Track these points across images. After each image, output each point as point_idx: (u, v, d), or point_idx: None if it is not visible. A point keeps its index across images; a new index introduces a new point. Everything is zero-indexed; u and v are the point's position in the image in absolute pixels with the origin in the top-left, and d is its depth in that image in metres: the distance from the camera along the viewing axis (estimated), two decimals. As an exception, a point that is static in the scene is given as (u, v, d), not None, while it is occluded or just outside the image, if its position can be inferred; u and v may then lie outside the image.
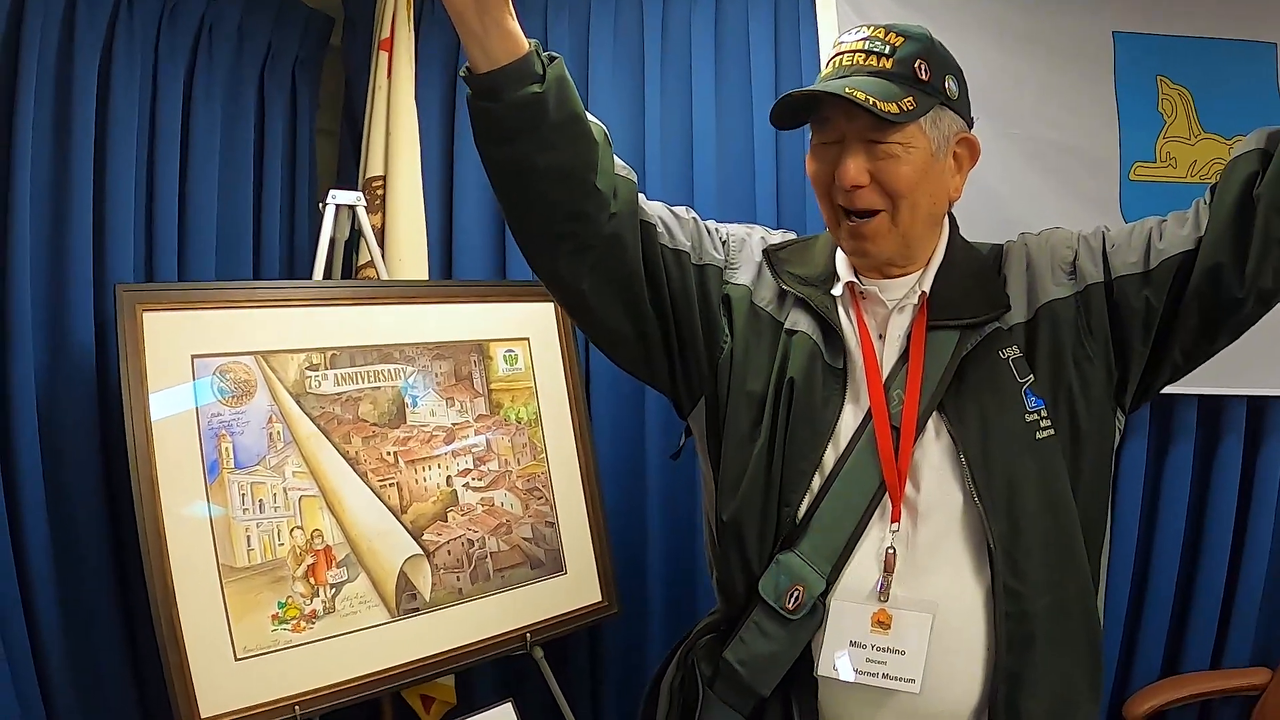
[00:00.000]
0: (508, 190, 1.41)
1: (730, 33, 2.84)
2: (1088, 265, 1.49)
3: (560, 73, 1.33)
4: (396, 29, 2.69)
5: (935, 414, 1.46)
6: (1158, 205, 2.72)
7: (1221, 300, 1.42)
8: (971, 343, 1.47)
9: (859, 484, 1.46)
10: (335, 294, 2.37)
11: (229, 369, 2.14)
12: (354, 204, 2.55)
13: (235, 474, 2.10)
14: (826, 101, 1.42)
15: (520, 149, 1.33)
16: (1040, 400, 1.45)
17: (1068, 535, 1.45)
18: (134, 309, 2.05)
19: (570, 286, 1.45)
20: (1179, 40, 2.81)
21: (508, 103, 1.29)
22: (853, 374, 1.51)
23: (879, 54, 1.42)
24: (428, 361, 2.41)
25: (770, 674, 1.47)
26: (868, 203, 1.43)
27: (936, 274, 1.52)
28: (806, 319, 1.53)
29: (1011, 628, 1.39)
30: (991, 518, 1.40)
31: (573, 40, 2.86)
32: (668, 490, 2.85)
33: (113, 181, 2.32)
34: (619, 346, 1.54)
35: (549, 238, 1.42)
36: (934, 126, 1.44)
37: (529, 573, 2.46)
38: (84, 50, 2.25)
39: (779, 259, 1.60)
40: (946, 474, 1.45)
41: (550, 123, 1.31)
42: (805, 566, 1.45)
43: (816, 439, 1.48)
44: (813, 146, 1.50)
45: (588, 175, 1.37)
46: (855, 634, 1.42)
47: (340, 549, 2.19)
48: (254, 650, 2.04)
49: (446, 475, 2.38)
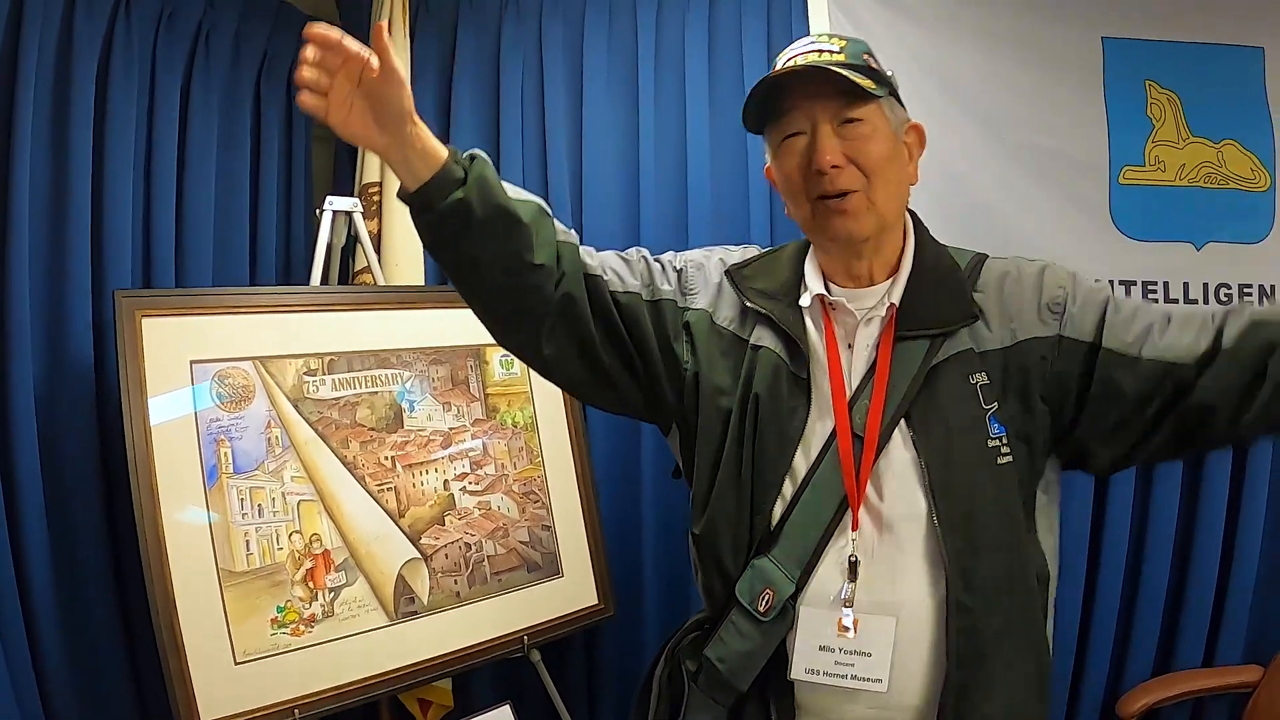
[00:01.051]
0: (462, 284, 1.50)
1: (723, 37, 2.86)
2: (1080, 318, 1.50)
3: (480, 172, 1.40)
4: (392, 34, 2.68)
5: (902, 424, 1.49)
6: (1147, 209, 2.79)
7: (1199, 434, 1.47)
8: (942, 354, 1.49)
9: (826, 492, 1.50)
10: (332, 300, 2.38)
11: (227, 374, 2.15)
12: (351, 210, 2.56)
13: (234, 479, 2.11)
14: (789, 94, 1.47)
15: (460, 249, 1.43)
16: (1003, 428, 1.48)
17: (1020, 562, 1.49)
18: (133, 315, 2.06)
19: (536, 353, 1.54)
20: (1167, 45, 2.84)
21: (439, 212, 1.38)
22: (819, 384, 1.54)
23: (829, 50, 1.48)
24: (424, 366, 2.42)
25: (747, 671, 1.52)
26: (845, 183, 1.46)
27: (906, 284, 1.54)
28: (770, 333, 1.57)
29: (963, 642, 1.43)
30: (947, 532, 1.44)
31: (566, 45, 2.88)
32: (662, 493, 2.86)
33: (110, 187, 2.33)
34: (591, 393, 1.64)
35: (507, 316, 1.52)
36: (891, 111, 1.50)
37: (526, 576, 2.47)
38: (82, 57, 2.26)
39: (742, 276, 1.62)
40: (910, 484, 1.47)
41: (479, 220, 1.38)
42: (776, 571, 1.50)
43: (783, 449, 1.52)
44: (777, 148, 1.52)
45: (525, 256, 1.44)
46: (824, 638, 1.47)
47: (339, 553, 2.20)
48: (253, 654, 2.05)
49: (444, 479, 2.39)
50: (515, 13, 2.87)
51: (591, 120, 2.86)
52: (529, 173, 2.87)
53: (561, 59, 2.87)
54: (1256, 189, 2.84)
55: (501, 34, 2.87)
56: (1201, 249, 2.83)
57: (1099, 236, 2.76)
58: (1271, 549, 2.85)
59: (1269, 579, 2.85)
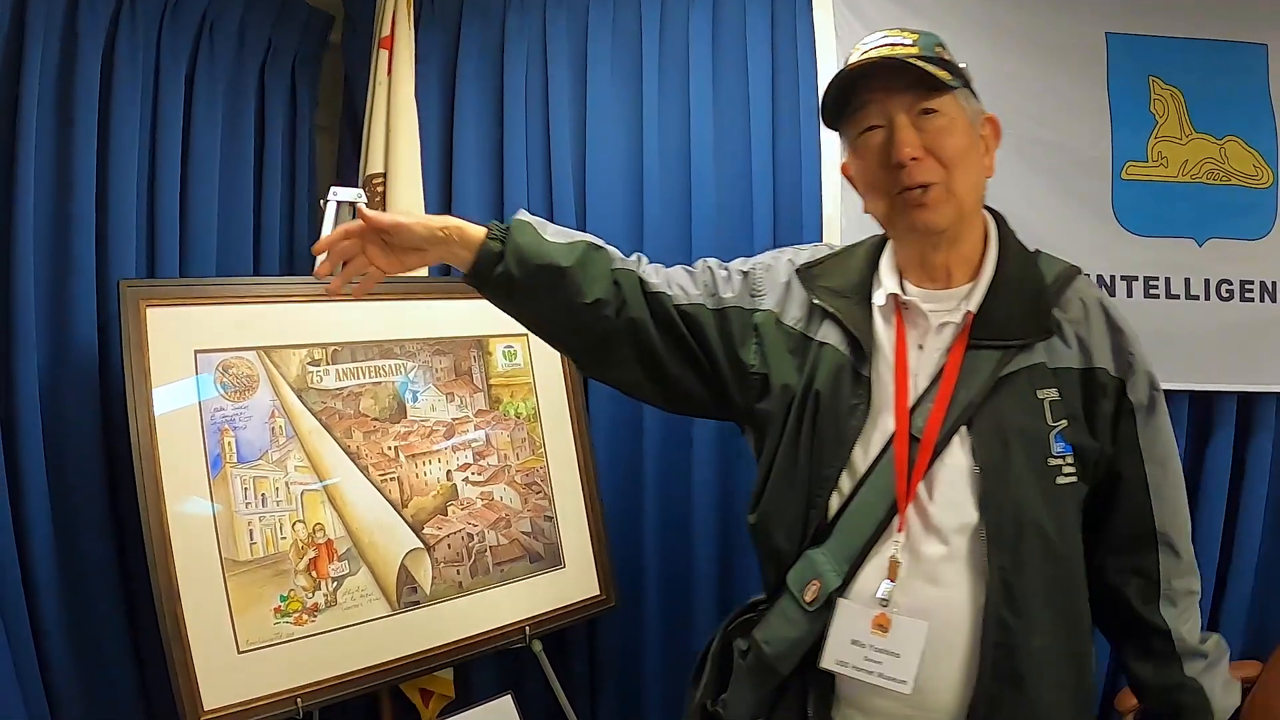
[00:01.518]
0: (535, 332, 1.70)
1: (727, 28, 2.86)
2: (1137, 390, 1.52)
3: (515, 241, 1.54)
4: (397, 26, 2.71)
5: (963, 431, 1.48)
6: (1149, 204, 2.80)
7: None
8: (1013, 365, 1.48)
9: (880, 492, 1.50)
10: (337, 290, 2.37)
11: (231, 364, 2.16)
12: (355, 200, 2.56)
13: (238, 468, 2.11)
14: (865, 88, 1.46)
15: (518, 308, 1.61)
16: (1069, 447, 1.47)
17: (1072, 583, 1.49)
18: (137, 304, 2.06)
19: (617, 379, 1.67)
20: (1171, 41, 2.84)
21: (490, 287, 1.56)
22: (882, 383, 1.54)
23: (903, 44, 1.47)
24: (428, 357, 2.43)
25: (789, 656, 1.53)
26: (925, 175, 1.45)
27: (986, 293, 1.53)
28: (836, 331, 1.58)
29: (999, 658, 1.42)
30: (994, 545, 1.43)
31: (570, 36, 2.88)
32: (665, 484, 2.88)
33: (115, 177, 2.33)
34: (667, 404, 1.72)
35: (583, 352, 1.67)
36: (966, 102, 1.49)
37: (528, 566, 2.48)
38: (86, 47, 2.27)
39: (812, 274, 1.64)
40: (962, 492, 1.46)
41: (523, 283, 1.54)
42: (826, 564, 1.51)
43: (840, 446, 1.53)
44: (854, 142, 1.52)
45: (576, 299, 1.56)
46: (856, 633, 1.48)
47: (342, 543, 2.21)
48: (256, 643, 2.06)
49: (446, 470, 2.40)
50: (519, 4, 2.87)
51: (595, 111, 2.86)
52: (532, 164, 2.88)
53: (565, 50, 2.87)
54: (1259, 185, 2.84)
55: (505, 25, 2.87)
56: (1203, 245, 2.83)
57: (1101, 231, 2.77)
58: (1270, 546, 2.86)
59: (1267, 575, 2.86)
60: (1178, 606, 1.53)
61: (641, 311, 1.60)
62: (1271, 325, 2.81)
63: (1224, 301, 2.81)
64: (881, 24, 2.75)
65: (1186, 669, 1.53)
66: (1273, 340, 2.81)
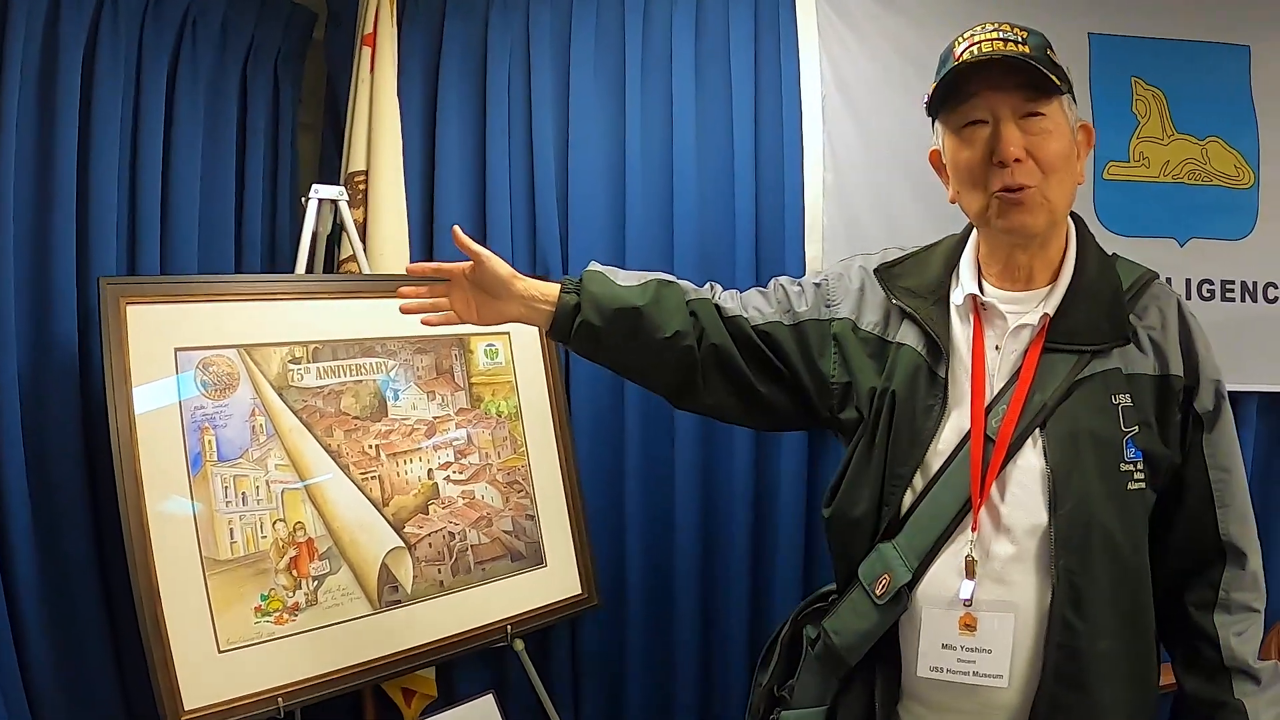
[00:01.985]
0: (627, 376, 1.82)
1: (710, 31, 2.86)
2: (1203, 398, 1.52)
3: (589, 290, 1.65)
4: (379, 24, 2.70)
5: (1037, 433, 1.48)
6: (1131, 204, 2.81)
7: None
8: (1089, 370, 1.49)
9: (953, 490, 1.52)
10: (317, 288, 2.37)
11: (212, 362, 2.15)
12: (336, 198, 2.56)
13: (218, 467, 2.10)
14: (973, 79, 1.46)
15: (606, 355, 1.71)
16: (1140, 453, 1.47)
17: (1138, 589, 1.49)
18: (118, 302, 2.05)
19: (706, 406, 1.73)
20: (1154, 42, 2.85)
21: (573, 340, 1.67)
22: (958, 383, 1.55)
23: (1015, 41, 1.46)
24: (409, 355, 2.42)
25: (858, 647, 1.56)
26: (1024, 177, 1.45)
27: (1064, 295, 1.53)
28: (914, 331, 1.60)
29: (1061, 660, 1.43)
30: (1060, 547, 1.44)
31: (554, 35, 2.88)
32: (647, 483, 2.88)
33: (96, 174, 2.32)
34: (758, 423, 1.82)
35: (673, 386, 1.71)
36: (1069, 108, 1.49)
37: (509, 565, 2.48)
38: (68, 43, 2.26)
39: (891, 275, 1.67)
40: (1033, 494, 1.47)
41: (603, 329, 1.64)
42: (897, 559, 1.53)
43: (915, 445, 1.55)
44: (954, 133, 1.52)
45: (655, 335, 1.64)
46: (946, 636, 1.50)
47: (322, 541, 2.20)
48: (237, 642, 2.05)
49: (428, 468, 2.39)
50: (502, 3, 2.86)
51: (578, 110, 2.86)
52: (514, 163, 2.87)
53: (548, 48, 2.86)
54: (1240, 186, 2.85)
55: (489, 23, 2.86)
56: (1185, 245, 2.85)
57: (1083, 232, 2.77)
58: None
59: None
60: (1232, 615, 1.51)
61: (722, 337, 1.67)
62: (1252, 325, 2.82)
63: (1205, 301, 2.83)
64: (864, 23, 2.78)
65: (1235, 688, 1.49)
66: (1254, 339, 2.82)
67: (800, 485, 2.83)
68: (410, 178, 2.78)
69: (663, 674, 2.91)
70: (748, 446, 2.85)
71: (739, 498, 2.86)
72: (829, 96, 2.78)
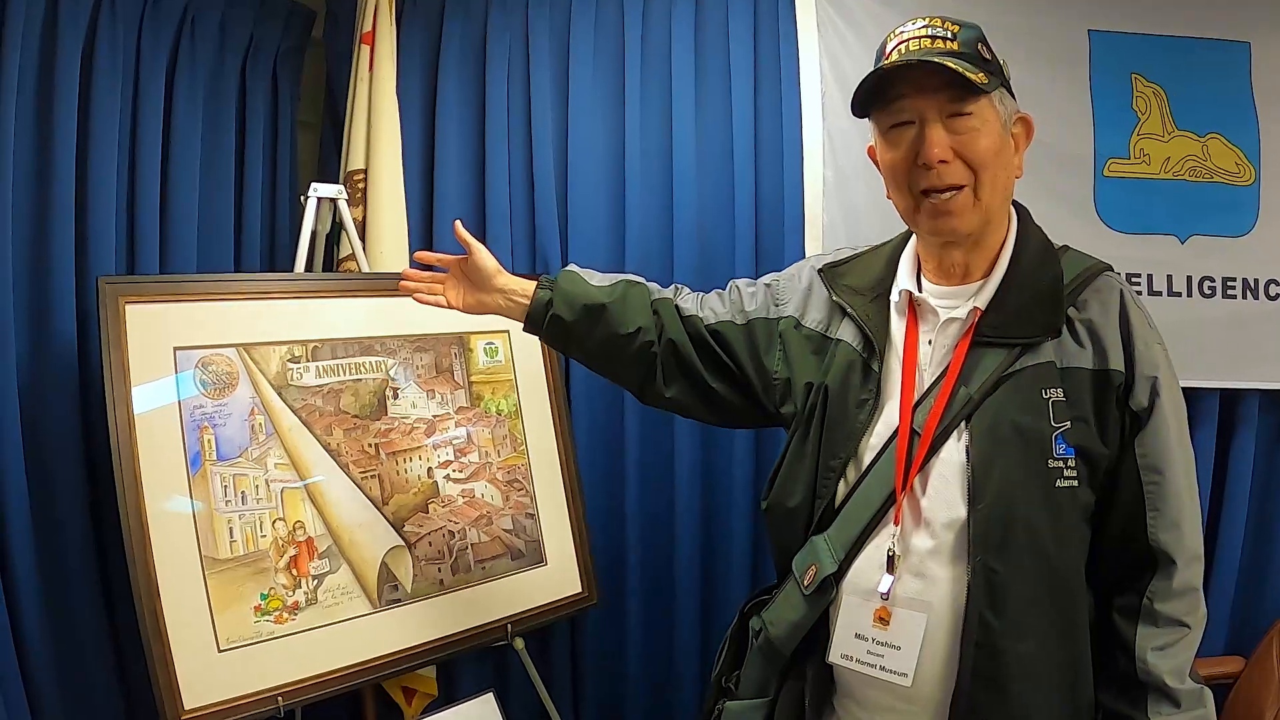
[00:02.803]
0: (594, 368, 1.90)
1: (709, 29, 2.86)
2: (1136, 393, 1.46)
3: (562, 287, 1.80)
4: (378, 22, 2.70)
5: (962, 426, 1.47)
6: (1131, 201, 2.80)
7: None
8: (1019, 364, 1.46)
9: (880, 483, 1.52)
10: (317, 286, 2.37)
11: (211, 361, 2.14)
12: (335, 197, 2.55)
13: (217, 466, 2.10)
14: (900, 81, 1.45)
15: (575, 347, 1.85)
16: (1072, 450, 1.44)
17: (1068, 591, 1.46)
18: (116, 301, 2.05)
19: (666, 400, 1.82)
20: (1154, 39, 2.84)
21: (544, 332, 1.83)
22: (891, 378, 1.56)
23: (943, 38, 1.45)
24: (409, 354, 2.41)
25: (791, 638, 1.58)
26: (952, 178, 1.44)
27: (997, 288, 1.52)
28: (851, 327, 1.62)
29: (979, 659, 1.41)
30: (978, 542, 1.42)
31: (553, 34, 2.87)
32: (647, 482, 2.88)
33: (95, 174, 2.32)
34: (717, 419, 1.88)
35: (634, 380, 1.84)
36: (1000, 103, 1.48)
37: (509, 564, 2.47)
38: (66, 42, 2.25)
39: (836, 274, 1.70)
40: (953, 487, 1.46)
41: (571, 324, 1.78)
42: (825, 550, 1.55)
43: (847, 438, 1.56)
44: (883, 134, 1.51)
45: (619, 330, 1.77)
46: (860, 627, 1.51)
47: (322, 540, 2.20)
48: (237, 642, 2.04)
49: (427, 467, 2.39)
50: (501, 1, 2.86)
51: (577, 109, 2.86)
52: (514, 161, 2.87)
53: (547, 47, 2.86)
54: (1241, 183, 2.85)
55: (488, 21, 2.86)
56: (1185, 242, 2.84)
57: (1083, 229, 2.76)
58: (1252, 542, 2.87)
59: (1249, 571, 2.87)
60: (1158, 628, 1.43)
61: (679, 334, 1.78)
62: (1253, 322, 2.82)
63: (1206, 298, 2.82)
64: (864, 20, 2.77)
65: (1150, 707, 1.42)
66: (1254, 337, 2.81)
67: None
68: (409, 176, 2.78)
69: (662, 672, 2.91)
70: (748, 445, 2.85)
71: (738, 495, 2.86)
72: (828, 93, 2.77)
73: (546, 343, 1.91)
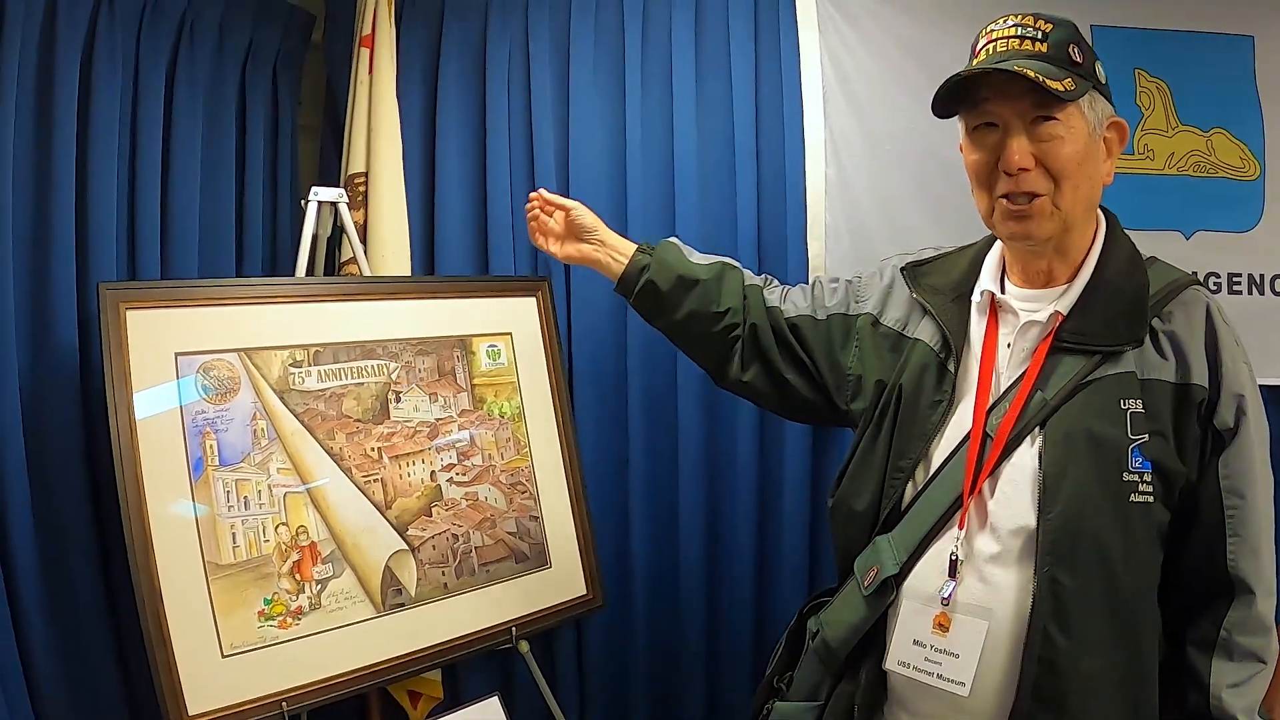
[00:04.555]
0: (676, 342, 1.97)
1: (710, 29, 2.85)
2: (1222, 412, 1.42)
3: (661, 255, 1.89)
4: (378, 25, 2.69)
5: (1036, 432, 1.44)
6: (1135, 198, 2.78)
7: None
8: (1099, 372, 1.43)
9: (948, 485, 1.50)
10: (318, 290, 2.36)
11: (212, 366, 2.14)
12: (336, 200, 2.55)
13: (220, 471, 2.09)
14: (984, 84, 1.43)
15: (664, 316, 1.90)
16: (1148, 464, 1.39)
17: (1138, 609, 1.42)
18: (117, 307, 2.04)
19: (741, 384, 1.87)
20: (1157, 33, 2.83)
21: (637, 295, 1.90)
22: (968, 379, 1.54)
23: (1033, 38, 1.43)
24: (411, 357, 2.41)
25: (847, 640, 1.56)
26: (1032, 185, 1.42)
27: (1081, 294, 1.49)
28: (930, 327, 1.61)
29: (1039, 674, 1.38)
30: (1045, 552, 1.38)
31: (553, 35, 2.86)
32: (651, 483, 2.87)
33: (94, 179, 2.31)
34: (786, 410, 1.92)
35: (715, 358, 1.89)
36: (1090, 109, 1.44)
37: (514, 567, 2.46)
38: (65, 47, 2.24)
39: (919, 273, 1.69)
40: (1023, 493, 1.43)
41: (665, 292, 1.86)
42: (889, 551, 1.53)
43: (918, 439, 1.55)
44: (968, 133, 1.50)
45: (711, 308, 1.84)
46: (918, 633, 1.48)
47: (325, 545, 2.19)
48: (240, 647, 2.04)
49: (430, 470, 2.38)
50: (501, 4, 2.84)
51: (578, 111, 2.84)
52: (515, 164, 2.86)
53: (548, 49, 2.85)
54: (1245, 178, 2.83)
55: (488, 24, 2.85)
56: (1190, 238, 2.83)
57: (1087, 225, 2.76)
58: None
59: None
60: (1233, 662, 1.40)
61: (763, 320, 1.83)
62: (1259, 318, 2.80)
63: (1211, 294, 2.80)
64: (864, 19, 2.76)
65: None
66: (1260, 333, 2.79)
67: (805, 483, 2.81)
68: (410, 179, 2.77)
69: (668, 674, 2.90)
70: (751, 445, 2.83)
71: (743, 496, 2.85)
72: (830, 92, 2.76)
73: (636, 308, 1.95)
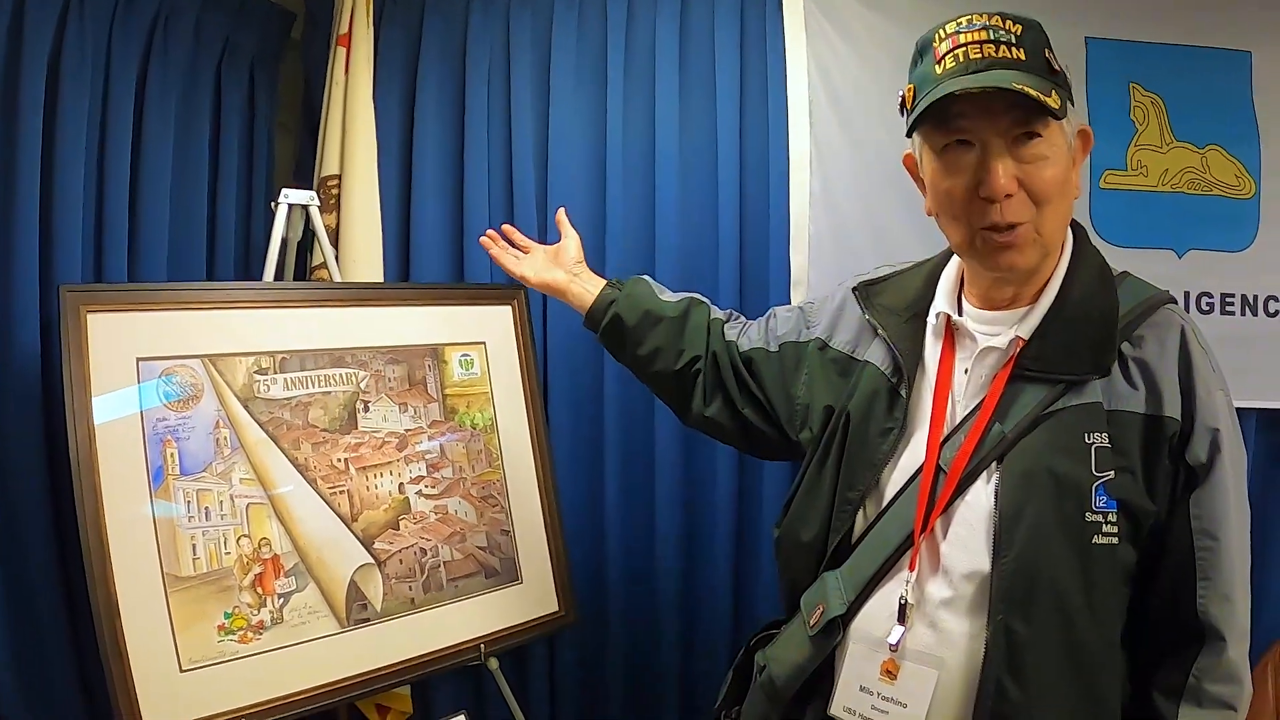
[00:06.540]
0: (642, 378, 1.93)
1: (694, 33, 2.81)
2: (1194, 447, 1.32)
3: (630, 290, 1.90)
4: (355, 24, 2.64)
5: (993, 466, 1.34)
6: (1128, 214, 2.75)
7: None
8: (1061, 403, 1.33)
9: (899, 522, 1.42)
10: (286, 296, 2.30)
11: (175, 372, 2.09)
12: (306, 204, 2.49)
13: (181, 480, 2.04)
14: (962, 100, 1.28)
15: (627, 353, 1.90)
16: (1113, 503, 1.30)
17: (1099, 660, 1.33)
18: (78, 310, 1.99)
19: (703, 419, 1.82)
20: (1152, 47, 2.80)
21: (603, 329, 1.90)
22: (921, 407, 1.44)
23: (1007, 43, 1.29)
24: (381, 366, 2.36)
25: (792, 680, 1.50)
26: (1014, 214, 1.29)
27: (1043, 317, 1.38)
28: (881, 350, 1.52)
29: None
30: (1001, 599, 1.30)
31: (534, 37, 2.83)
32: (626, 499, 2.84)
33: (61, 179, 2.27)
34: (746, 446, 1.86)
35: (679, 392, 1.86)
36: (1069, 123, 1.33)
37: (484, 582, 2.41)
38: (33, 41, 2.20)
39: (872, 292, 1.61)
40: (977, 535, 1.34)
41: (631, 326, 1.86)
42: (836, 589, 1.46)
43: (867, 469, 1.46)
44: (936, 153, 1.35)
45: (675, 343, 1.83)
46: (865, 679, 1.41)
47: (288, 558, 2.14)
48: (200, 661, 1.99)
49: (399, 482, 2.33)
50: (482, 4, 2.81)
51: (558, 114, 2.81)
52: (493, 168, 2.82)
53: (529, 51, 2.81)
54: (1240, 196, 2.80)
55: (468, 25, 2.81)
56: (1183, 256, 2.80)
57: (1078, 242, 2.72)
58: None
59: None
60: (1202, 710, 1.30)
61: (722, 353, 1.80)
62: (1252, 339, 2.77)
63: (1204, 315, 2.77)
64: (856, 28, 2.72)
65: None
66: (1253, 355, 2.77)
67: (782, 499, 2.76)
68: (386, 182, 2.72)
69: (642, 692, 2.87)
70: (729, 458, 2.80)
71: (720, 511, 2.81)
72: (816, 101, 2.72)
73: (602, 341, 1.94)
